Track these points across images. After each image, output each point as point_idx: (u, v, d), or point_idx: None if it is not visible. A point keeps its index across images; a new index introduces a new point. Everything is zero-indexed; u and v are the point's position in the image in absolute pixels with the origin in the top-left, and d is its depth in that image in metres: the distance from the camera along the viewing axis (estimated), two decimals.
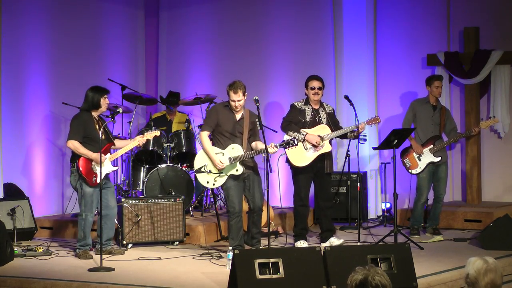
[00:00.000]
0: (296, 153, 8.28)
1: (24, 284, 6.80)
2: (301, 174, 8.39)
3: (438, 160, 9.09)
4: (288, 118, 8.40)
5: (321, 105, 8.51)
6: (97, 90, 8.07)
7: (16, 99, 9.82)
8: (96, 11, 10.95)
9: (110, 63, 11.13)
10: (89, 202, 7.92)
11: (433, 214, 9.24)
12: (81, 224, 7.98)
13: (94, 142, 7.88)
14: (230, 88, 7.70)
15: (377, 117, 8.52)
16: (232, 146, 7.69)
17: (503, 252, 7.79)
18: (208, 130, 7.78)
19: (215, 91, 10.66)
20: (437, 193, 9.22)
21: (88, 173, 7.88)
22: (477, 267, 3.88)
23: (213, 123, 7.75)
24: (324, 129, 8.35)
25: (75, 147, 7.88)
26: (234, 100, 7.67)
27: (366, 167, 10.52)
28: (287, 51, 10.99)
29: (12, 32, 9.72)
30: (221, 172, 7.67)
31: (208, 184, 7.80)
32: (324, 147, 8.30)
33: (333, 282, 6.15)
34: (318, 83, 8.42)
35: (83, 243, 8.00)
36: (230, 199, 7.70)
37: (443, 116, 9.23)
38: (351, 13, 10.63)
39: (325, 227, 8.57)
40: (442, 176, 9.19)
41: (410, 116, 9.25)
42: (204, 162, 7.74)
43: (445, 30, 10.49)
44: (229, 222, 7.73)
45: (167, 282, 6.67)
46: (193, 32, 11.55)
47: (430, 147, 9.10)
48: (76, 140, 7.89)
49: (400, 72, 10.68)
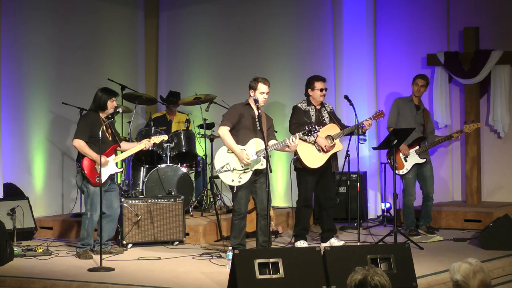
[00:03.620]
0: (310, 154, 8.22)
1: (24, 284, 6.80)
2: (310, 175, 8.31)
3: (423, 161, 9.11)
4: (295, 121, 8.32)
5: (322, 105, 8.50)
6: (106, 91, 8.11)
7: (16, 99, 9.83)
8: (96, 11, 10.95)
9: (110, 63, 11.14)
10: (94, 201, 7.93)
11: (424, 212, 9.25)
12: (85, 223, 8.00)
13: (100, 142, 7.89)
14: (259, 80, 7.57)
15: (381, 111, 8.50)
16: (253, 140, 7.56)
17: (503, 252, 7.79)
18: (228, 126, 7.58)
19: (215, 91, 10.66)
20: (426, 192, 9.23)
21: (91, 173, 7.90)
22: (464, 272, 3.82)
23: (234, 118, 7.59)
24: (333, 128, 8.33)
25: (80, 146, 7.91)
26: (264, 91, 7.55)
27: (366, 167, 10.52)
28: (287, 51, 10.99)
29: (12, 32, 9.72)
30: (247, 168, 7.55)
31: (233, 182, 7.54)
32: (335, 146, 8.28)
33: (333, 282, 6.15)
34: (325, 84, 8.44)
35: (85, 242, 8.01)
36: (238, 200, 7.62)
37: (426, 117, 9.26)
38: (351, 13, 10.63)
39: (326, 226, 8.54)
40: (428, 175, 9.20)
41: (394, 113, 9.26)
42: (225, 161, 7.57)
43: (445, 30, 10.49)
44: (233, 221, 7.68)
45: (167, 282, 6.67)
46: (193, 32, 11.55)
47: (416, 149, 9.11)
48: (82, 139, 7.93)
49: (400, 72, 10.68)
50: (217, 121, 10.38)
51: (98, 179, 7.82)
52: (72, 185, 10.20)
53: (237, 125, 7.61)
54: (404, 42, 10.69)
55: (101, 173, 7.70)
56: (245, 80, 7.94)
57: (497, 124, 10.09)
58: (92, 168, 7.92)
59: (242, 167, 7.53)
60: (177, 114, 10.60)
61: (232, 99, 10.22)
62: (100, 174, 7.64)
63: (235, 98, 7.96)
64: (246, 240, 7.86)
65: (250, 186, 7.64)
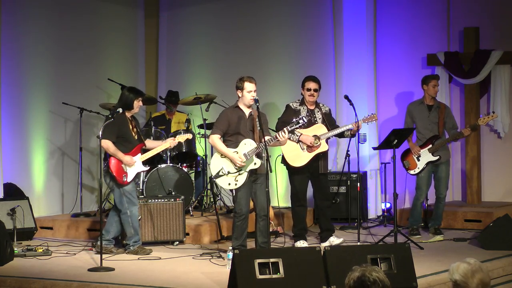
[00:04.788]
0: (293, 153, 8.28)
1: (24, 284, 6.80)
2: (297, 174, 8.39)
3: (436, 158, 9.08)
4: (282, 119, 8.37)
5: (317, 106, 8.49)
6: (133, 91, 8.16)
7: (16, 99, 9.83)
8: (96, 11, 10.95)
9: (110, 63, 11.14)
10: (128, 198, 8.02)
11: (435, 214, 9.24)
12: (127, 221, 8.04)
13: (127, 142, 8.03)
14: (245, 79, 7.61)
15: (373, 114, 8.50)
16: (243, 142, 7.58)
17: (503, 252, 7.79)
18: (218, 134, 7.64)
19: (215, 91, 10.66)
20: (438, 193, 9.22)
21: (118, 172, 7.98)
22: (463, 271, 3.81)
23: (224, 126, 7.64)
24: (320, 128, 8.34)
25: (108, 146, 7.98)
26: (251, 90, 7.57)
27: (366, 167, 10.52)
28: (287, 51, 10.99)
29: (12, 32, 9.71)
30: (240, 170, 7.57)
31: (230, 186, 7.59)
32: (320, 146, 8.29)
33: (333, 282, 6.15)
34: (314, 84, 8.41)
35: (136, 239, 8.09)
36: (238, 201, 7.61)
37: (442, 114, 9.18)
38: (351, 13, 10.62)
39: (324, 226, 8.58)
40: (443, 176, 9.17)
41: (409, 120, 9.25)
42: (219, 165, 7.61)
43: (445, 30, 10.49)
44: (235, 222, 7.65)
45: (167, 282, 6.67)
46: (193, 32, 11.55)
47: (428, 147, 9.10)
48: (109, 139, 7.98)
49: (400, 72, 10.68)
50: None
51: (125, 177, 7.94)
52: (72, 185, 10.21)
53: (229, 130, 7.65)
54: (404, 42, 10.69)
55: (128, 173, 7.92)
56: None
57: (497, 124, 10.09)
58: (119, 167, 7.99)
59: (236, 169, 7.56)
60: (177, 114, 10.59)
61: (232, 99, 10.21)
62: (129, 173, 7.89)
63: (235, 98, 7.93)
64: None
65: (249, 186, 7.63)
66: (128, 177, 7.98)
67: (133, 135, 8.07)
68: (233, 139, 7.63)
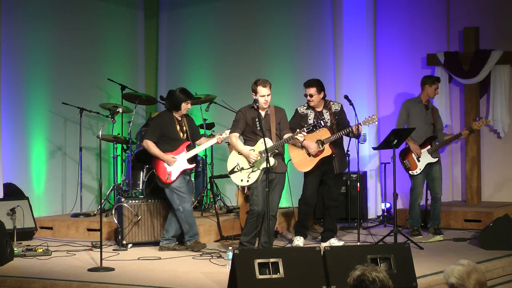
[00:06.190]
0: (299, 158, 8.35)
1: (24, 284, 6.80)
2: (310, 176, 8.47)
3: (435, 160, 9.10)
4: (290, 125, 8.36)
5: (325, 106, 8.50)
6: (184, 93, 8.22)
7: (16, 99, 9.83)
8: (96, 11, 10.95)
9: (110, 63, 11.14)
10: (179, 195, 8.13)
11: (433, 214, 9.23)
12: (181, 217, 8.17)
13: (172, 140, 8.14)
14: (258, 83, 7.61)
15: (373, 116, 8.50)
16: (261, 140, 7.60)
17: (503, 252, 7.78)
18: (237, 132, 7.71)
19: (215, 91, 10.67)
20: (434, 193, 9.21)
21: (161, 172, 8.10)
22: (458, 274, 3.82)
23: (241, 125, 7.70)
24: (324, 132, 8.34)
25: (148, 147, 8.12)
26: (264, 94, 7.58)
27: (366, 167, 10.52)
28: (287, 51, 11.00)
29: (12, 31, 9.71)
30: (254, 167, 7.60)
31: (242, 182, 7.68)
32: (324, 151, 8.31)
33: (333, 282, 6.15)
34: (309, 89, 8.40)
35: (192, 233, 8.20)
36: (254, 198, 7.65)
37: (435, 116, 9.24)
38: (351, 13, 10.63)
39: (327, 226, 8.61)
40: (437, 176, 9.17)
41: (404, 116, 9.23)
42: (235, 162, 7.69)
43: (445, 30, 10.49)
44: (248, 218, 7.71)
45: (167, 282, 6.67)
46: (192, 32, 11.55)
47: (427, 148, 9.10)
48: (151, 140, 8.12)
49: (400, 72, 10.68)
50: (217, 121, 10.42)
51: (169, 176, 8.06)
52: (72, 185, 10.21)
53: (246, 128, 7.73)
54: (404, 42, 10.69)
55: (172, 171, 8.06)
56: (245, 80, 7.96)
57: (497, 124, 10.09)
58: (162, 167, 8.11)
59: (250, 166, 7.60)
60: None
61: (232, 99, 10.24)
62: (173, 172, 8.02)
63: (235, 98, 7.99)
64: None
65: (264, 185, 7.63)
66: (172, 176, 8.10)
67: (179, 134, 8.15)
68: (252, 137, 7.71)
